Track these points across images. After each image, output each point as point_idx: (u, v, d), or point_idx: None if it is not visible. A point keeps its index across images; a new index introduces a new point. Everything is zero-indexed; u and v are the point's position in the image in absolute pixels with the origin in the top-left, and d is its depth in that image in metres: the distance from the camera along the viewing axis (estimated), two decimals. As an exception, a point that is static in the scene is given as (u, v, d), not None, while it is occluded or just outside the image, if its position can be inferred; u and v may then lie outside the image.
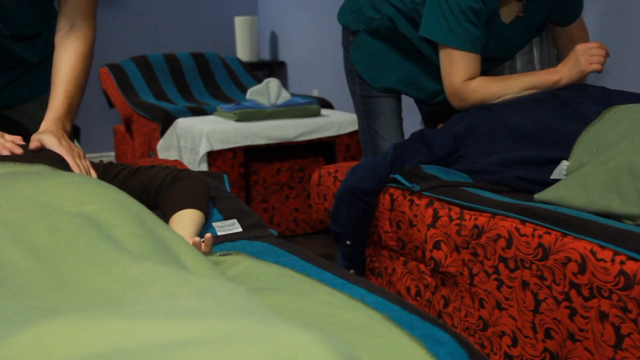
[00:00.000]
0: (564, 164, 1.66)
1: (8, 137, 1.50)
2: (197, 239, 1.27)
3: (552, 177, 1.68)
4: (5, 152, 1.44)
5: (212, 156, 3.18)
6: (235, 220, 1.50)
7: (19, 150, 1.43)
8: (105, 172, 1.56)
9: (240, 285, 0.84)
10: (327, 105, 3.80)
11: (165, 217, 1.44)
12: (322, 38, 4.55)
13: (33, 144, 1.47)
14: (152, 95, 4.04)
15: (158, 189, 1.52)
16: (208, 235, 1.30)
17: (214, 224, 1.49)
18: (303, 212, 3.41)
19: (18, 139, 1.51)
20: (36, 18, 1.73)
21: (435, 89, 2.21)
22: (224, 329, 0.51)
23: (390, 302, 1.04)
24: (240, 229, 1.48)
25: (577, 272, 1.32)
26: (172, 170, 1.55)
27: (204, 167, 3.16)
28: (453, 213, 1.65)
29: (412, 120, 2.69)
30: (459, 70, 1.95)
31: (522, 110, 1.87)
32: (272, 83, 3.45)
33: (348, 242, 1.95)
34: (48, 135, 1.49)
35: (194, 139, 3.25)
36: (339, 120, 3.39)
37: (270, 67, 5.02)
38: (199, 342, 0.49)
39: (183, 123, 3.42)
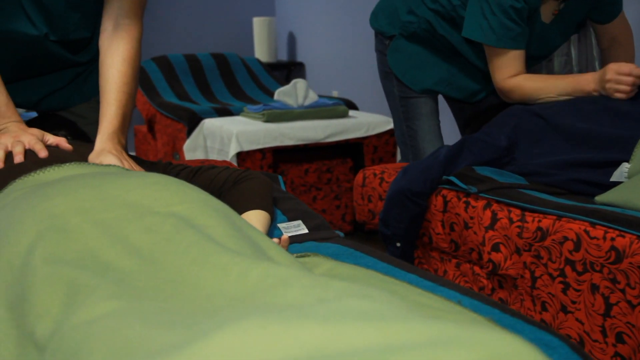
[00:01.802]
0: (625, 166, 1.65)
1: (52, 139, 1.44)
2: (275, 240, 1.25)
3: (612, 179, 1.67)
4: (44, 154, 1.36)
5: (241, 157, 3.16)
6: (300, 222, 1.49)
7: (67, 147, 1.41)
8: (165, 173, 1.54)
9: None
10: (351, 106, 3.79)
11: (231, 218, 1.43)
12: (341, 39, 4.53)
13: None
14: (175, 96, 4.03)
15: (221, 190, 1.50)
16: (285, 237, 1.28)
17: (279, 225, 1.48)
18: (330, 214, 3.40)
19: (63, 141, 1.45)
20: (84, 22, 1.67)
21: (474, 88, 2.22)
22: (425, 333, 0.49)
23: (487, 304, 1.03)
24: (306, 230, 1.46)
25: (655, 275, 1.31)
26: (234, 170, 1.53)
27: (233, 167, 3.15)
28: (513, 215, 1.64)
29: (448, 121, 2.68)
30: (500, 68, 2.00)
31: (572, 113, 1.86)
32: (300, 84, 3.44)
33: (398, 244, 1.94)
34: (108, 156, 1.39)
35: (223, 139, 3.23)
36: (367, 122, 3.38)
37: (289, 68, 5.01)
38: (409, 346, 0.47)
39: (210, 123, 3.40)
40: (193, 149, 3.45)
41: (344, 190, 3.41)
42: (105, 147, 1.42)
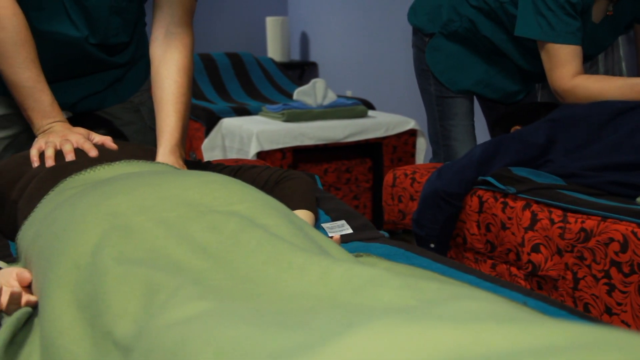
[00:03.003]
0: (667, 167, 1.64)
1: (98, 138, 1.44)
2: (328, 240, 1.24)
3: (653, 180, 1.66)
4: (94, 153, 1.37)
5: (261, 156, 3.15)
6: (344, 222, 1.48)
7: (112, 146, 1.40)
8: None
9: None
10: (369, 106, 3.78)
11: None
12: (354, 38, 4.52)
13: None
14: (190, 95, 4.01)
15: (262, 189, 1.49)
16: (336, 236, 1.27)
17: (323, 225, 1.46)
18: (349, 214, 3.38)
19: (108, 140, 1.45)
20: (124, 28, 1.66)
21: (512, 89, 2.20)
22: (566, 335, 0.48)
23: (552, 306, 1.02)
24: (350, 230, 1.45)
25: None
26: (276, 170, 1.52)
27: (253, 167, 3.14)
28: (555, 216, 1.62)
29: (483, 122, 2.67)
30: (559, 66, 1.93)
31: (611, 115, 1.85)
32: (319, 83, 3.43)
33: (432, 245, 1.93)
34: None
35: (242, 139, 3.22)
36: (386, 122, 3.37)
37: (302, 68, 5.00)
38: (555, 349, 0.46)
39: (228, 123, 3.39)
40: (211, 149, 3.44)
41: (362, 190, 3.40)
42: (168, 162, 1.42)
